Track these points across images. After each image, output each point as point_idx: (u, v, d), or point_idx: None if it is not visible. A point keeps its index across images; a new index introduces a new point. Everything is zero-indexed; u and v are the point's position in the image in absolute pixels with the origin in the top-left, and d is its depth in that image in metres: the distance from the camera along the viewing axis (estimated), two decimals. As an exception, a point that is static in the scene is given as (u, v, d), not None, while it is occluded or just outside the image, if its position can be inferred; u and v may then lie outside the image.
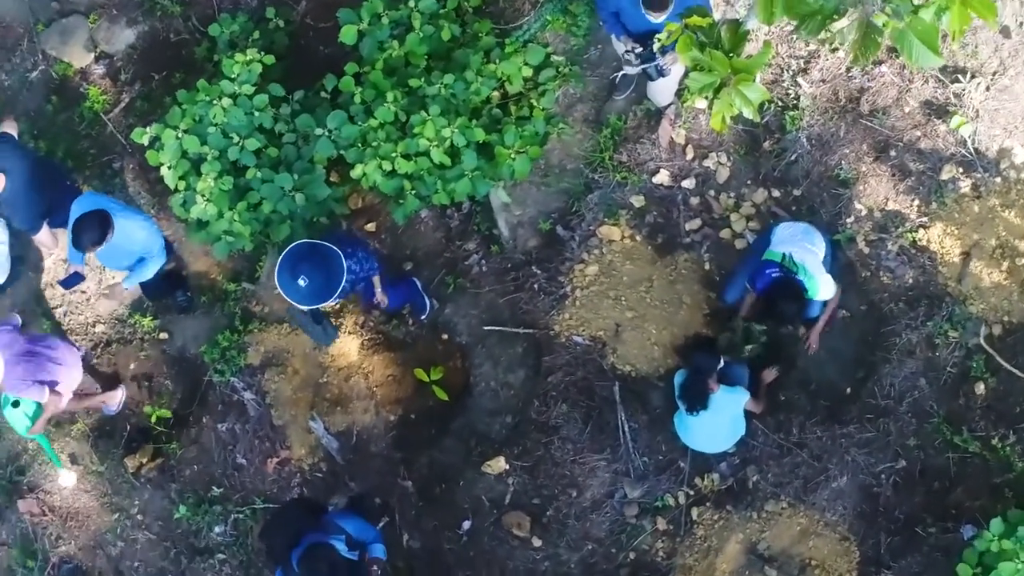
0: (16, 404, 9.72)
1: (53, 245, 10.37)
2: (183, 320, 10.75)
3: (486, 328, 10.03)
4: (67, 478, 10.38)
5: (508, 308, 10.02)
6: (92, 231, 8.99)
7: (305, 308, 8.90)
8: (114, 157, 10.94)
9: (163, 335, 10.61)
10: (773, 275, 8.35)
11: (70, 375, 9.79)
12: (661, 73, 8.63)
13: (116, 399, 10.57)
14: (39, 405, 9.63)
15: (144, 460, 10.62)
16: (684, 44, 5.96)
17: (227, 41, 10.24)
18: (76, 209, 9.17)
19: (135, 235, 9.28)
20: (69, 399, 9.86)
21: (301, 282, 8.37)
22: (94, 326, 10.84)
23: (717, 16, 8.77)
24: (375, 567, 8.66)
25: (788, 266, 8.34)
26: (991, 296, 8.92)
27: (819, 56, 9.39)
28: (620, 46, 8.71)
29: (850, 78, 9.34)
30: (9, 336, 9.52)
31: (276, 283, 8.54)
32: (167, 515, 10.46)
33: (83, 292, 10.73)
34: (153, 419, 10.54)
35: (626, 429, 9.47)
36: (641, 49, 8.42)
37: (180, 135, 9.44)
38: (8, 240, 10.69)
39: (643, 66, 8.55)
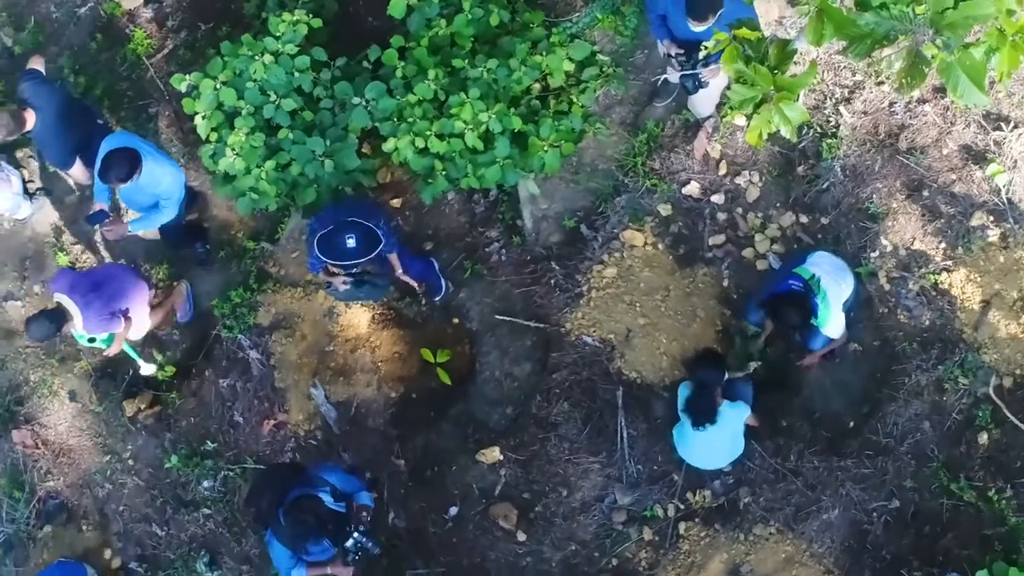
0: (92, 340, 9.80)
1: (87, 180, 10.33)
2: (198, 272, 10.76)
3: (498, 317, 10.01)
4: (147, 368, 10.41)
5: (522, 300, 9.99)
6: (121, 167, 9.04)
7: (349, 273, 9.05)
8: (151, 102, 10.97)
9: (181, 286, 10.61)
10: (793, 286, 8.34)
11: (138, 296, 9.85)
12: (700, 84, 8.59)
13: (182, 296, 10.58)
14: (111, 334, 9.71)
15: (142, 406, 10.65)
16: (730, 55, 5.94)
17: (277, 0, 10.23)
18: (107, 144, 9.22)
19: (161, 179, 9.32)
20: (146, 318, 9.94)
21: (350, 241, 8.58)
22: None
23: (766, 33, 8.73)
24: (363, 513, 8.68)
25: (812, 286, 8.32)
26: (1006, 347, 8.85)
27: (863, 87, 9.34)
28: (664, 50, 8.69)
29: (892, 113, 9.29)
30: (70, 278, 9.55)
31: (321, 254, 8.75)
32: (158, 463, 10.47)
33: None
34: (159, 376, 10.57)
35: (625, 435, 9.43)
36: (684, 57, 8.39)
37: (218, 86, 9.43)
38: (22, 186, 10.73)
39: (683, 73, 8.51)
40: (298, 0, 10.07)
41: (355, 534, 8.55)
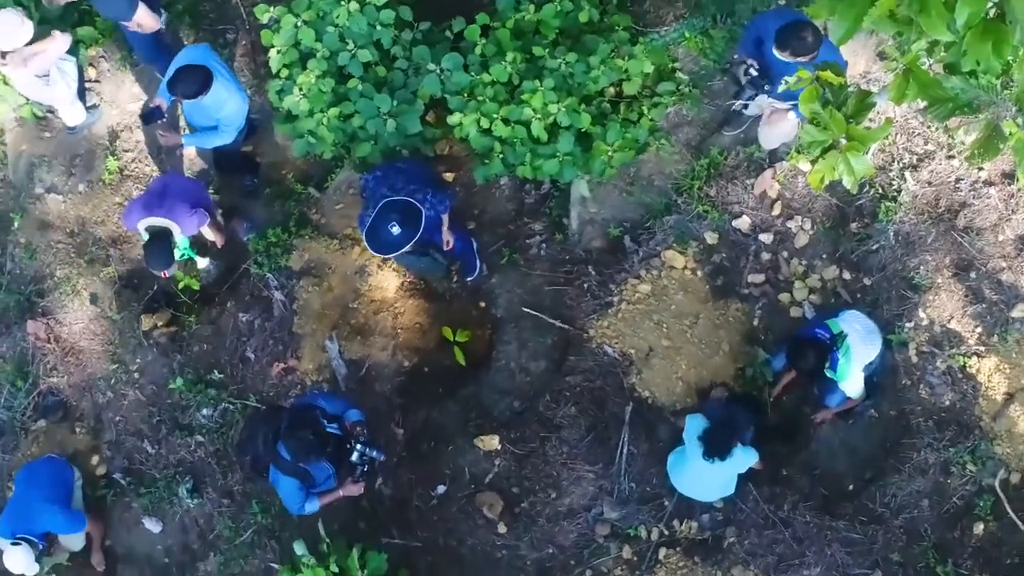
0: (183, 255, 9.98)
1: (155, 23, 9.97)
2: (242, 204, 10.79)
3: (524, 309, 10.00)
4: (203, 262, 10.53)
5: (551, 298, 9.98)
6: (190, 84, 9.08)
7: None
8: (230, 28, 11.00)
9: (219, 211, 10.62)
10: (818, 334, 8.32)
11: (202, 194, 9.93)
12: (757, 92, 8.50)
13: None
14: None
15: (159, 323, 10.67)
16: (809, 94, 5.92)
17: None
18: (185, 56, 9.27)
19: (225, 104, 9.36)
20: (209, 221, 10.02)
21: (394, 229, 8.54)
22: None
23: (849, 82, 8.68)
24: (358, 428, 8.75)
25: (838, 341, 8.29)
26: (1021, 443, 8.80)
27: (933, 158, 9.28)
28: (744, 65, 8.67)
29: (956, 189, 9.23)
30: (140, 202, 9.60)
31: (374, 251, 8.80)
32: (162, 382, 10.49)
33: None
34: (180, 286, 10.57)
35: (625, 451, 9.41)
36: (757, 75, 8.33)
37: (299, 24, 9.43)
38: (79, 83, 10.69)
39: (748, 91, 8.44)
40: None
41: (357, 446, 8.64)
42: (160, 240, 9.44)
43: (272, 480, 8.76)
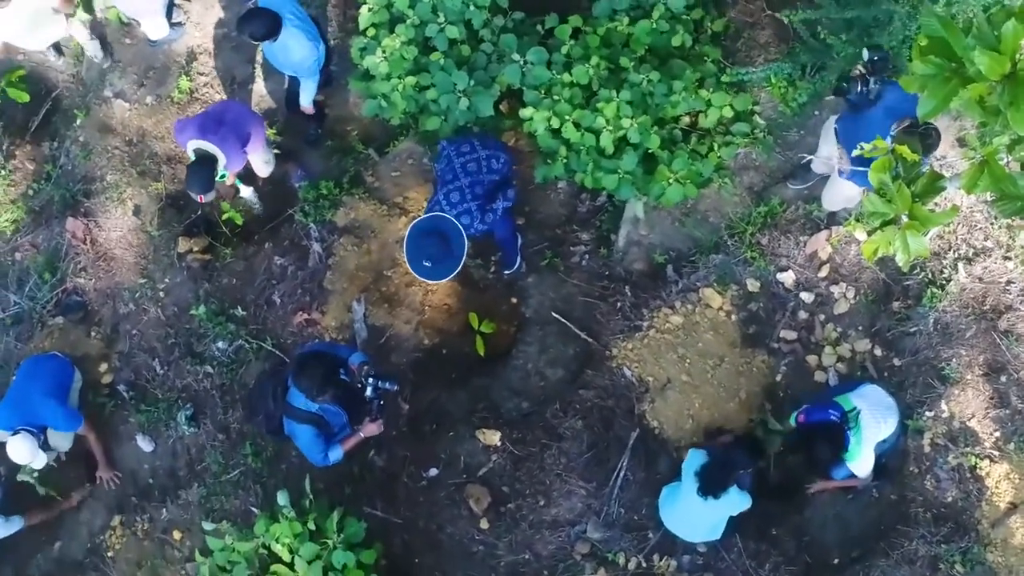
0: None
1: None
2: (302, 150, 10.82)
3: (554, 314, 9.98)
4: (246, 191, 10.56)
5: (582, 309, 9.96)
6: (256, 26, 9.31)
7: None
8: (326, -23, 11.05)
9: (276, 151, 10.63)
10: (831, 416, 8.21)
11: (258, 128, 9.96)
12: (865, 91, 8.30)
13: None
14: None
15: (195, 248, 10.72)
16: (882, 164, 5.89)
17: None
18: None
19: (293, 52, 9.53)
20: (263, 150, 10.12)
21: (427, 263, 8.72)
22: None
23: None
24: (365, 368, 8.74)
25: (850, 419, 8.20)
26: (1014, 556, 8.68)
27: (989, 255, 9.19)
28: (826, 148, 8.60)
29: (1006, 291, 9.13)
30: (196, 122, 9.59)
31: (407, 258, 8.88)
32: (185, 307, 10.54)
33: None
34: (224, 217, 10.61)
35: (621, 475, 9.37)
36: (868, 75, 8.08)
37: (396, -17, 9.47)
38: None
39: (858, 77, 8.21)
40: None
41: (370, 380, 8.65)
42: (205, 165, 9.45)
43: (289, 432, 8.75)
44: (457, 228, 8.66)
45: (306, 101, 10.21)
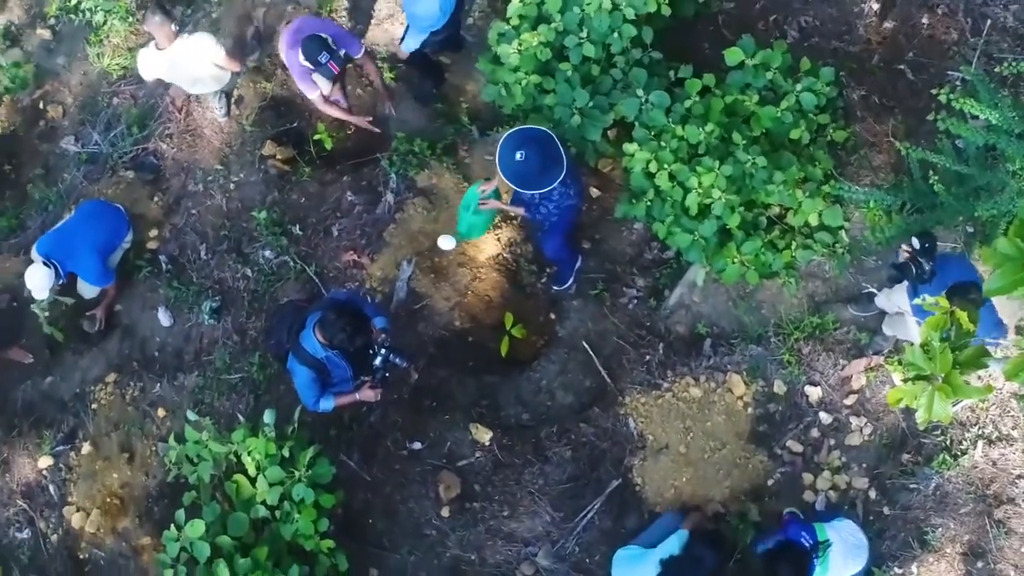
0: None
1: None
2: (410, 104, 10.97)
3: (584, 343, 10.07)
4: (446, 242, 9.95)
5: (613, 349, 10.04)
6: None
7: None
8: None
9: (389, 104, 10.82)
10: (803, 538, 8.23)
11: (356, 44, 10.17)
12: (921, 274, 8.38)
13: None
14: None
15: (278, 156, 10.95)
16: (935, 322, 5.92)
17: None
18: None
19: (419, 4, 9.78)
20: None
21: (518, 155, 8.61)
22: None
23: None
24: (383, 336, 8.80)
25: (820, 549, 8.21)
26: None
27: (1010, 443, 9.17)
28: (893, 299, 8.66)
29: (1014, 483, 9.11)
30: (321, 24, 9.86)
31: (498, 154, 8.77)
32: (249, 206, 10.75)
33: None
34: (315, 137, 10.79)
35: (589, 516, 9.45)
36: (920, 257, 8.13)
37: (555, -11, 9.59)
38: None
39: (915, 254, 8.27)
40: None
41: (382, 351, 8.74)
42: (319, 41, 9.64)
43: (289, 368, 8.82)
44: (557, 145, 8.76)
45: (406, 47, 10.31)
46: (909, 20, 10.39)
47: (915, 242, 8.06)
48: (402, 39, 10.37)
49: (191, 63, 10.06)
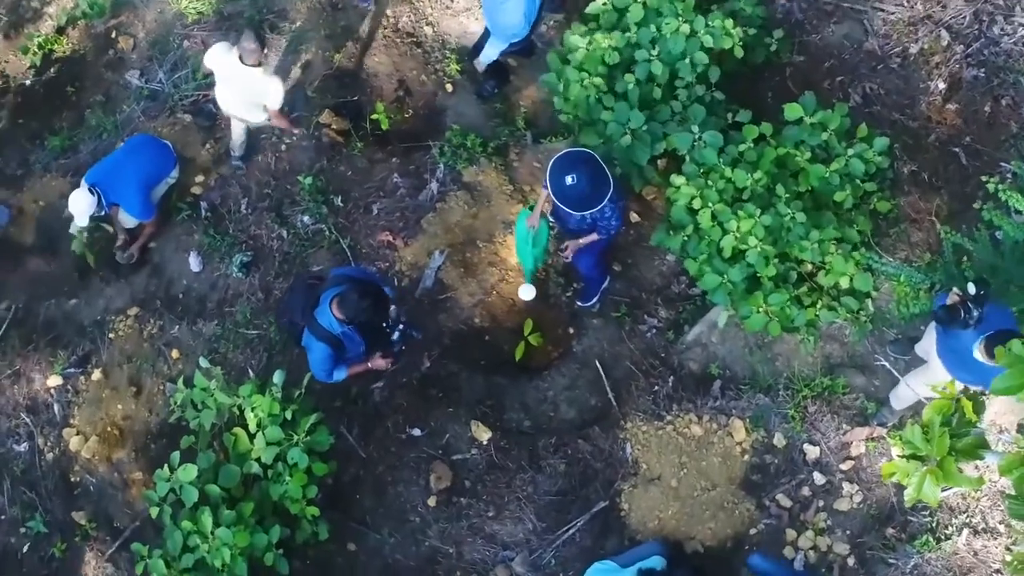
0: None
1: None
2: (470, 99, 11.09)
3: (597, 363, 10.17)
4: (527, 292, 10.27)
5: (624, 373, 10.12)
6: None
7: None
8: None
9: (450, 87, 10.91)
10: None
11: None
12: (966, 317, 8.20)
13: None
14: None
15: (334, 126, 11.05)
16: (939, 406, 5.99)
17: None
18: None
19: (503, 14, 10.00)
20: None
21: (569, 180, 8.70)
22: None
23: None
24: (393, 306, 8.93)
25: None
26: None
27: (995, 536, 9.15)
28: (922, 344, 8.68)
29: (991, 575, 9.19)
30: None
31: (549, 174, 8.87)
32: (296, 170, 10.90)
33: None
34: (372, 116, 10.92)
35: (571, 532, 9.53)
36: (968, 308, 8.10)
37: (639, 2, 9.67)
38: None
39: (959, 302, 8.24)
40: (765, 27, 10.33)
41: (399, 326, 8.95)
42: None
43: (304, 343, 8.85)
44: (602, 164, 8.86)
45: (484, 59, 10.49)
46: (972, 105, 10.43)
47: (971, 288, 7.88)
48: (476, 49, 10.56)
49: (253, 93, 10.20)
